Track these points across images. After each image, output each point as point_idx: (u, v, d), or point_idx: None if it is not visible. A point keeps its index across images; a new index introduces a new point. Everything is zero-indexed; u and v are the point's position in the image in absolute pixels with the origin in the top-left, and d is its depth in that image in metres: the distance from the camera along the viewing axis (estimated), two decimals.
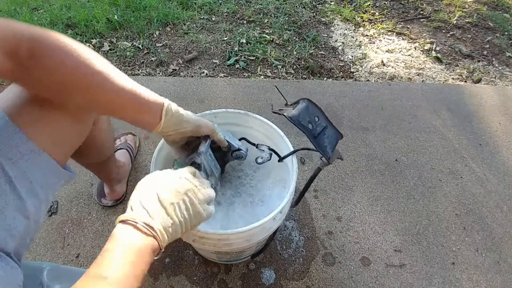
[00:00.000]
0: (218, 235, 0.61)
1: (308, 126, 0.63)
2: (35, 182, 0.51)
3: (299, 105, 0.66)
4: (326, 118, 0.67)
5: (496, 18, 2.16)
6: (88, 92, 0.48)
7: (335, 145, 0.67)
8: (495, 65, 1.87)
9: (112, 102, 0.50)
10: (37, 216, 0.52)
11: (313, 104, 0.67)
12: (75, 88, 0.47)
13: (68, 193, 1.07)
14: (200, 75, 1.65)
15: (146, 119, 0.54)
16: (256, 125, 0.85)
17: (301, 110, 0.64)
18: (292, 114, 0.63)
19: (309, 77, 1.69)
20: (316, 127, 0.65)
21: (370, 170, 1.22)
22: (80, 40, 1.75)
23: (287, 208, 0.70)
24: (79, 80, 0.46)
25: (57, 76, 0.45)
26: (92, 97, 0.49)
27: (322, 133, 0.65)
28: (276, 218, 0.67)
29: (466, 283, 0.95)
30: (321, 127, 0.66)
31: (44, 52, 0.43)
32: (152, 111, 0.53)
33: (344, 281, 0.92)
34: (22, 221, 0.49)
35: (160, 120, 0.54)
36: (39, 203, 0.52)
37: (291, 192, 0.68)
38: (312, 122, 0.64)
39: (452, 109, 1.50)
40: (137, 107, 0.52)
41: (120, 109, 0.52)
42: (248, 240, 0.65)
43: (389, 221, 1.07)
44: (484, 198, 1.16)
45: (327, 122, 0.67)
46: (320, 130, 0.65)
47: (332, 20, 2.09)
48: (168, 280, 0.90)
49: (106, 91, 0.48)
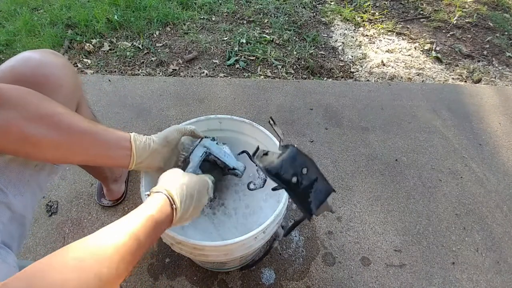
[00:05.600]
0: (193, 245, 0.60)
1: (291, 179, 0.55)
2: (13, 177, 0.53)
3: (284, 154, 0.57)
4: (317, 170, 0.58)
5: (496, 18, 2.16)
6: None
7: (323, 200, 0.57)
8: (495, 65, 1.87)
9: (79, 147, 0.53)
10: (23, 209, 0.54)
11: (302, 154, 0.58)
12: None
13: (68, 193, 1.07)
14: (200, 75, 1.65)
15: (118, 155, 0.57)
16: (260, 137, 0.83)
17: (286, 161, 0.56)
18: (272, 166, 0.55)
19: (309, 77, 1.69)
20: (302, 180, 0.56)
21: (370, 170, 1.22)
22: (80, 40, 1.75)
23: (272, 228, 0.67)
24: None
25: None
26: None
27: (309, 187, 0.56)
28: (258, 238, 0.64)
29: (466, 283, 0.95)
30: (309, 180, 0.56)
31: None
32: (122, 146, 0.58)
33: (344, 281, 0.92)
34: (5, 212, 0.50)
35: (131, 150, 0.58)
36: (21, 195, 0.54)
37: (276, 215, 0.65)
38: (298, 174, 0.55)
39: (452, 109, 1.50)
40: (105, 150, 0.56)
41: (90, 152, 0.55)
42: (226, 255, 0.64)
43: (389, 221, 1.07)
44: (484, 198, 1.16)
45: (318, 174, 0.58)
46: (307, 183, 0.56)
47: (332, 20, 2.09)
48: (168, 280, 0.90)
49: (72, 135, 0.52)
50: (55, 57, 0.60)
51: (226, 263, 0.82)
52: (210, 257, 0.64)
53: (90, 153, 0.54)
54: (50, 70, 0.57)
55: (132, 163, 0.59)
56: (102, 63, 1.67)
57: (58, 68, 0.58)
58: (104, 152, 0.55)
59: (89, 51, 1.72)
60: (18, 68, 0.54)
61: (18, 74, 0.54)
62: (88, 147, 0.53)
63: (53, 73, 0.57)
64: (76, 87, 0.64)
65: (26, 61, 0.56)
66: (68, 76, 0.60)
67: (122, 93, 1.44)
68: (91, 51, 1.73)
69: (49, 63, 0.57)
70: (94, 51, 1.74)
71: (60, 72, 0.59)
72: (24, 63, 0.55)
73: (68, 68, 0.61)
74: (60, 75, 0.58)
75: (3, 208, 0.50)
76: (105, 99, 1.41)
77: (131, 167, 0.59)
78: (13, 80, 0.50)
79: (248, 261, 0.92)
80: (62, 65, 0.60)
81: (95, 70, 1.64)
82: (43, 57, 0.57)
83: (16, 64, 0.55)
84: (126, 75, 1.60)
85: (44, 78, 0.56)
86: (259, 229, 0.63)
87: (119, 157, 0.57)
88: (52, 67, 0.58)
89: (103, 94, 1.43)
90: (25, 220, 0.55)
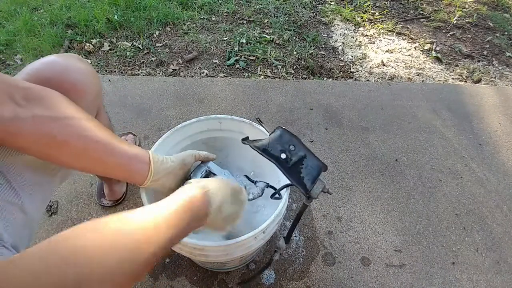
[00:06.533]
0: (193, 245, 0.60)
1: (280, 155, 0.58)
2: (28, 179, 0.52)
3: (272, 134, 0.62)
4: (305, 147, 0.61)
5: (496, 18, 2.16)
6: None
7: (316, 176, 0.59)
8: (495, 65, 1.87)
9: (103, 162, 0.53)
10: (34, 212, 0.53)
11: (289, 132, 0.62)
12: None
13: (68, 193, 1.07)
14: (200, 75, 1.65)
15: (136, 169, 0.57)
16: (260, 137, 0.82)
17: (273, 139, 0.60)
18: (260, 143, 0.59)
19: (309, 77, 1.69)
20: (291, 156, 0.59)
21: (370, 170, 1.22)
22: (80, 40, 1.75)
23: (272, 228, 0.67)
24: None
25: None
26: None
27: (299, 163, 0.59)
28: (258, 238, 0.64)
29: (466, 283, 0.95)
30: (298, 156, 0.60)
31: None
32: (140, 161, 0.57)
33: (344, 281, 0.92)
34: (19, 215, 0.50)
35: (149, 165, 0.58)
36: (34, 198, 0.53)
37: (276, 214, 0.65)
38: (286, 151, 0.59)
39: (452, 109, 1.50)
40: (126, 161, 0.55)
41: (110, 167, 0.55)
42: (226, 255, 0.64)
43: (389, 221, 1.07)
44: (484, 198, 1.16)
45: (306, 151, 0.61)
46: (296, 159, 0.59)
47: (332, 20, 2.09)
48: (168, 280, 0.90)
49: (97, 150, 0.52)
50: (81, 63, 0.59)
51: (226, 263, 0.82)
52: (210, 257, 0.64)
53: (109, 163, 0.53)
54: (75, 76, 0.57)
55: (148, 180, 0.58)
56: (102, 63, 1.67)
57: (84, 74, 0.58)
58: (122, 164, 0.54)
59: (89, 51, 1.72)
60: (44, 72, 0.54)
61: (44, 78, 0.53)
62: (109, 156, 0.53)
63: (79, 80, 0.57)
64: (98, 94, 0.65)
65: (52, 65, 0.55)
66: (93, 83, 0.60)
67: (122, 93, 1.44)
68: (91, 51, 1.73)
69: (75, 69, 0.57)
70: (94, 51, 1.74)
71: (86, 78, 0.58)
72: (50, 67, 0.55)
73: (92, 75, 0.61)
74: (86, 81, 0.58)
75: (17, 211, 0.50)
76: (105, 99, 1.41)
77: (146, 184, 0.58)
78: (40, 83, 0.50)
79: (248, 261, 0.92)
80: (88, 72, 0.60)
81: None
82: (69, 63, 0.57)
83: (42, 67, 0.54)
84: (126, 75, 1.60)
85: (70, 84, 0.56)
86: (259, 229, 0.63)
87: (136, 172, 0.56)
88: (79, 73, 0.58)
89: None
90: (34, 223, 0.54)
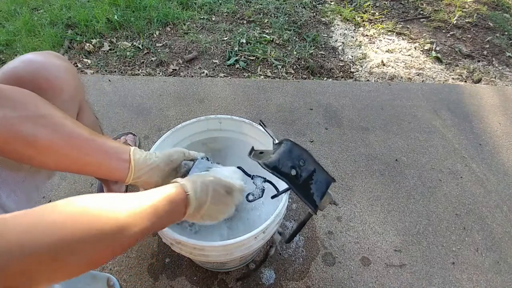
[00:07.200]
0: (193, 245, 0.60)
1: (290, 172, 0.55)
2: (5, 179, 0.53)
3: (280, 148, 0.58)
4: (315, 161, 0.59)
5: (496, 18, 2.16)
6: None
7: (325, 191, 0.58)
8: (495, 65, 1.87)
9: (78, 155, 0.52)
10: (17, 210, 0.54)
11: (298, 146, 0.59)
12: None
13: (68, 193, 1.07)
14: (200, 75, 1.65)
15: (116, 165, 0.56)
16: (260, 137, 0.83)
17: (282, 155, 0.56)
18: (270, 160, 0.55)
19: (309, 77, 1.69)
20: (301, 172, 0.57)
21: (370, 170, 1.22)
22: (80, 40, 1.75)
23: (272, 228, 0.67)
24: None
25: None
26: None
27: (308, 178, 0.57)
28: (258, 238, 0.64)
29: (466, 283, 0.95)
30: (308, 171, 0.57)
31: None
32: (120, 157, 0.56)
33: (344, 281, 0.92)
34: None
35: (130, 162, 0.57)
36: (15, 195, 0.54)
37: (276, 214, 0.65)
38: (296, 167, 0.56)
39: (452, 109, 1.50)
40: (104, 158, 0.54)
41: (86, 161, 0.54)
42: (226, 255, 0.64)
43: (389, 221, 1.07)
44: (484, 198, 1.16)
45: (316, 165, 0.59)
46: (306, 175, 0.57)
47: (332, 20, 2.09)
48: (168, 280, 0.90)
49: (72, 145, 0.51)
50: (58, 60, 0.59)
51: (226, 263, 0.82)
52: (210, 257, 0.64)
53: (87, 161, 0.52)
54: (51, 74, 0.57)
55: (130, 177, 0.57)
56: (102, 63, 1.67)
57: (60, 71, 0.58)
58: (101, 161, 0.53)
59: (89, 51, 1.72)
60: (20, 71, 0.54)
61: (20, 77, 0.53)
62: (85, 154, 0.52)
63: (55, 77, 0.57)
64: (77, 91, 0.64)
65: (28, 63, 0.56)
66: (70, 79, 0.60)
67: (122, 93, 1.44)
68: (91, 51, 1.73)
69: (51, 67, 0.57)
70: (94, 51, 1.74)
71: (62, 75, 0.58)
72: (27, 66, 0.55)
73: (70, 72, 0.61)
74: (62, 78, 0.58)
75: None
76: (105, 99, 1.41)
77: (128, 181, 0.58)
78: (15, 82, 0.50)
79: (248, 261, 0.92)
80: (64, 69, 0.59)
81: (95, 70, 1.64)
82: (45, 60, 0.57)
83: (19, 66, 0.55)
84: (126, 75, 1.60)
85: (45, 81, 0.56)
86: (259, 229, 0.63)
87: (116, 169, 0.55)
88: (54, 70, 0.58)
89: (103, 94, 1.43)
90: None
